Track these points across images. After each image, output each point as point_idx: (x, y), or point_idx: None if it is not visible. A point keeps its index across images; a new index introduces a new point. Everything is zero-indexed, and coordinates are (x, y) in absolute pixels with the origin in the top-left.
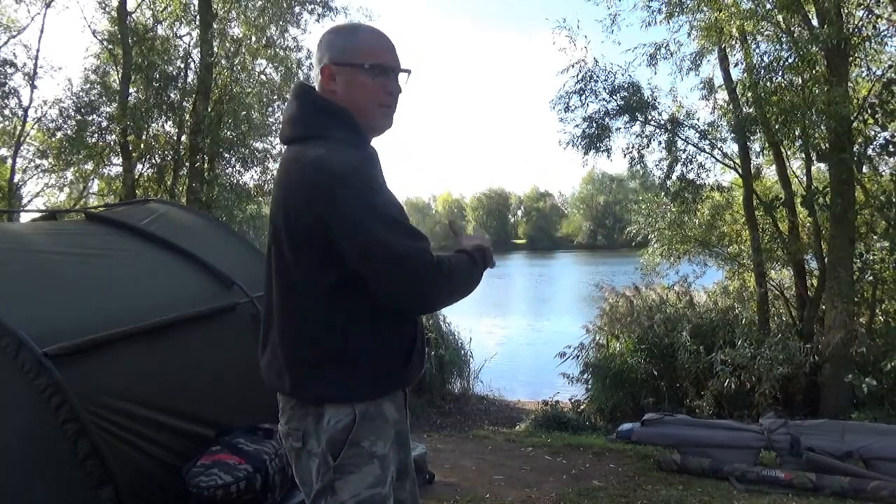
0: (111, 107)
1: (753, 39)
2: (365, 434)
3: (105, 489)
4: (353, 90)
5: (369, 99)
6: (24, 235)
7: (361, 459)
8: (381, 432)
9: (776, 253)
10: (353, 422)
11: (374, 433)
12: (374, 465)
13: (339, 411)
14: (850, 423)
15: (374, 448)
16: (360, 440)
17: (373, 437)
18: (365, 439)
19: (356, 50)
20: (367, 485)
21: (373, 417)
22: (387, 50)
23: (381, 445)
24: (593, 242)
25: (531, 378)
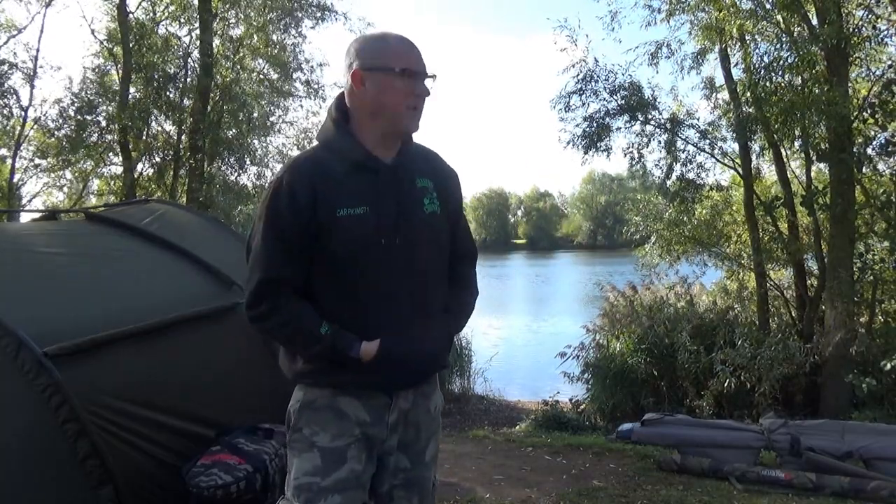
0: (111, 106)
1: (753, 39)
2: (306, 421)
3: (105, 489)
4: (384, 93)
5: (399, 100)
6: (24, 235)
7: (302, 445)
8: (329, 425)
9: (776, 253)
10: (298, 407)
11: (316, 423)
12: (313, 454)
13: (296, 394)
14: (850, 423)
15: (314, 438)
16: (300, 426)
17: (315, 427)
18: (306, 427)
19: (386, 55)
20: (304, 471)
21: (319, 408)
22: (414, 55)
23: (325, 438)
24: (593, 242)
25: (531, 378)
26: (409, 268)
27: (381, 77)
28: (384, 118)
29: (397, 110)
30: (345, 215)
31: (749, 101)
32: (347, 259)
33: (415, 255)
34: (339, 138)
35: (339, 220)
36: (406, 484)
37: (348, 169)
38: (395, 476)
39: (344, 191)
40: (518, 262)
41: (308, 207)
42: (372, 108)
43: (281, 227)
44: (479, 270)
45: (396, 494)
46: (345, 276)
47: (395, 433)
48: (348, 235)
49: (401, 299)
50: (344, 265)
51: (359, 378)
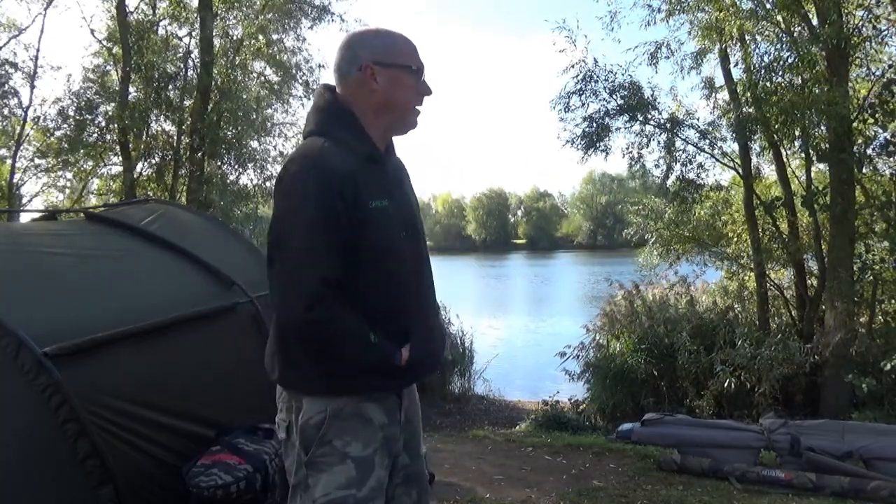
0: (110, 106)
1: (753, 39)
2: (336, 433)
3: (105, 489)
4: (397, 90)
5: (411, 98)
6: (24, 235)
7: (333, 459)
8: (359, 434)
9: (776, 253)
10: (323, 419)
11: (348, 433)
12: (346, 465)
13: (313, 406)
14: (850, 423)
15: (347, 449)
16: (330, 439)
17: (347, 438)
18: (337, 439)
19: (400, 52)
20: (338, 485)
21: (347, 417)
22: (419, 54)
23: (358, 447)
24: (593, 242)
25: (531, 378)
26: (422, 260)
27: (396, 74)
28: (393, 115)
29: (407, 108)
30: (374, 207)
31: (749, 101)
32: (383, 253)
33: (422, 247)
34: (352, 132)
35: (372, 212)
36: (406, 480)
37: (364, 162)
38: (398, 475)
39: (371, 183)
40: (518, 262)
41: (353, 198)
42: (381, 103)
43: (331, 222)
44: (479, 270)
45: (397, 492)
46: (383, 272)
47: (402, 432)
48: (380, 228)
49: (422, 292)
50: (381, 260)
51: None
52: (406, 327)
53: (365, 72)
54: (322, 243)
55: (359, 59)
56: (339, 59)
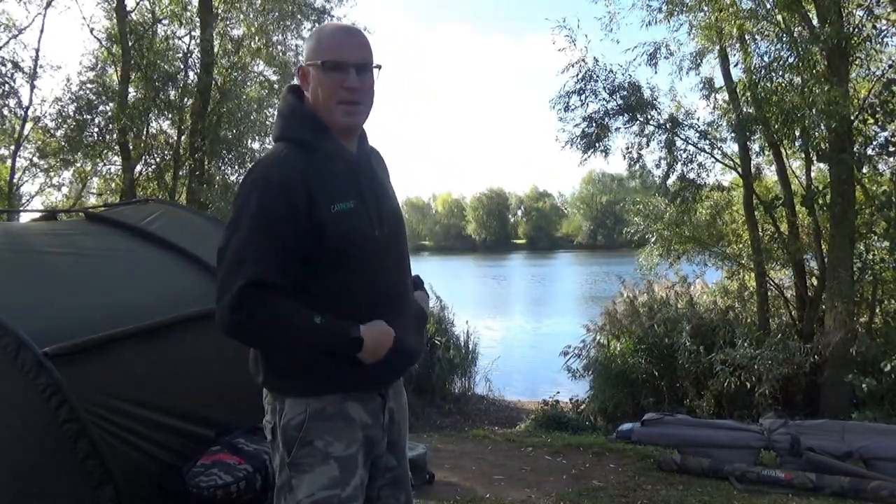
0: (110, 106)
1: (753, 39)
2: (318, 433)
3: (105, 489)
4: (316, 87)
5: (328, 94)
6: (23, 235)
7: (315, 459)
8: (341, 434)
9: (776, 253)
10: (304, 420)
11: (330, 433)
12: (329, 465)
13: (294, 407)
14: (850, 423)
15: (329, 449)
16: (311, 439)
17: (328, 438)
18: (318, 439)
19: (317, 49)
20: (322, 486)
21: (329, 417)
22: (344, 45)
23: (340, 447)
24: (593, 242)
25: (530, 378)
26: (397, 259)
27: (313, 71)
28: (323, 112)
29: (328, 104)
30: (338, 210)
31: (749, 101)
32: (345, 255)
33: (399, 246)
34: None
35: (335, 215)
36: (392, 482)
37: (327, 162)
38: (383, 476)
39: (334, 185)
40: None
41: (305, 205)
42: (316, 104)
43: (276, 227)
44: (478, 270)
45: (383, 494)
46: (342, 274)
47: (386, 434)
48: (344, 231)
49: (394, 291)
50: (341, 262)
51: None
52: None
53: (300, 74)
54: (257, 250)
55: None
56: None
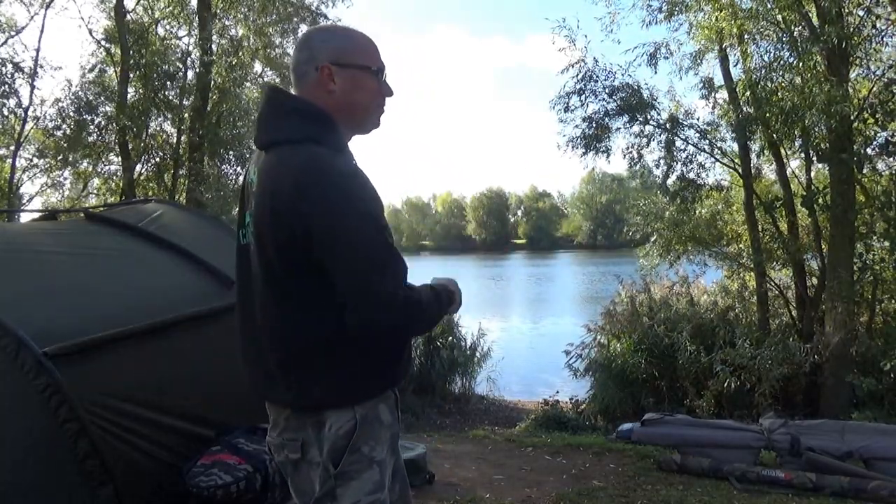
0: (109, 106)
1: (753, 39)
2: (365, 439)
3: (105, 489)
4: (356, 91)
5: (372, 100)
6: (24, 235)
7: (362, 465)
8: (379, 436)
9: (776, 253)
10: (354, 427)
11: (373, 438)
12: (373, 470)
13: (341, 417)
14: (850, 423)
15: (373, 453)
16: (360, 446)
17: (372, 442)
18: (364, 444)
19: (359, 52)
20: (367, 491)
21: (371, 421)
22: (379, 53)
23: (380, 450)
24: (593, 242)
25: (530, 378)
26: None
27: (354, 74)
28: (352, 117)
29: (368, 110)
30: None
31: (749, 101)
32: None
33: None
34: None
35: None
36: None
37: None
38: None
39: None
40: (518, 262)
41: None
42: (339, 105)
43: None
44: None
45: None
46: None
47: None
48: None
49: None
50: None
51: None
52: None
53: (322, 72)
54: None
55: (316, 59)
56: (296, 58)
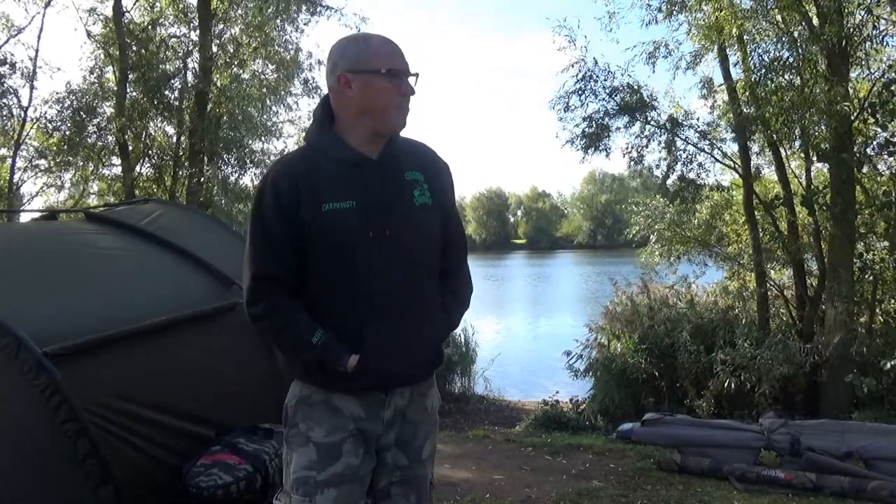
0: (109, 107)
1: (753, 39)
2: (301, 417)
3: (105, 489)
4: (371, 94)
5: (387, 100)
6: (24, 235)
7: (298, 440)
8: (323, 420)
9: (776, 253)
10: (295, 403)
11: (311, 419)
12: (309, 448)
13: (291, 391)
14: (850, 423)
15: (310, 433)
16: (297, 421)
17: (310, 423)
18: (301, 422)
19: (370, 57)
20: (302, 465)
21: (314, 404)
22: (397, 55)
23: (320, 433)
24: (593, 242)
25: (530, 378)
26: (402, 259)
27: (367, 78)
28: (372, 118)
29: (386, 110)
30: (330, 209)
31: (749, 101)
32: (336, 253)
33: (406, 247)
34: (322, 137)
35: (325, 214)
36: (403, 481)
37: (333, 165)
38: (392, 473)
39: (329, 186)
40: (518, 262)
41: (292, 204)
42: (359, 108)
43: (267, 224)
44: (477, 271)
45: (394, 491)
46: (335, 271)
47: (391, 429)
48: (335, 229)
49: (393, 291)
50: (334, 259)
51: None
52: (359, 331)
53: (340, 81)
54: (259, 244)
55: (336, 69)
56: (326, 68)
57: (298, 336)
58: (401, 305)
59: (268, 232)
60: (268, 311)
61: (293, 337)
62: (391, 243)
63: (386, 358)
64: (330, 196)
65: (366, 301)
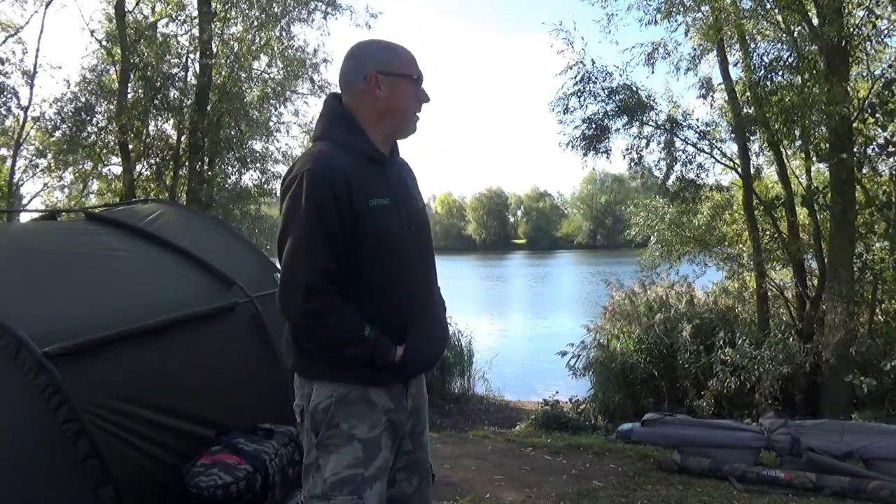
0: (110, 106)
1: (752, 39)
2: (343, 417)
3: (105, 489)
4: (399, 97)
5: (411, 105)
6: (24, 235)
7: (340, 440)
8: (364, 416)
9: (776, 253)
10: (331, 404)
11: (354, 417)
12: (353, 446)
13: (321, 392)
14: (850, 423)
15: (354, 431)
16: (338, 422)
17: (353, 420)
18: (343, 422)
19: (402, 62)
20: (346, 465)
21: (353, 402)
22: (418, 64)
23: (364, 429)
24: (593, 242)
25: (530, 378)
26: (426, 256)
27: (397, 82)
28: (394, 121)
29: (408, 114)
30: (375, 205)
31: (748, 101)
32: (382, 249)
33: (427, 245)
34: (352, 135)
35: (373, 209)
36: (407, 466)
37: (365, 163)
38: (400, 459)
39: (371, 182)
40: (518, 262)
41: (345, 197)
42: (383, 110)
43: (323, 218)
44: (478, 270)
45: (398, 477)
46: (380, 267)
47: (410, 418)
48: (381, 225)
49: (424, 287)
50: (379, 255)
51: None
52: (404, 323)
53: (370, 81)
54: (316, 237)
55: (363, 68)
56: (344, 68)
57: (354, 330)
58: (430, 297)
59: (323, 225)
60: (326, 306)
61: (349, 331)
62: (416, 239)
63: (424, 348)
64: (374, 192)
65: (406, 293)
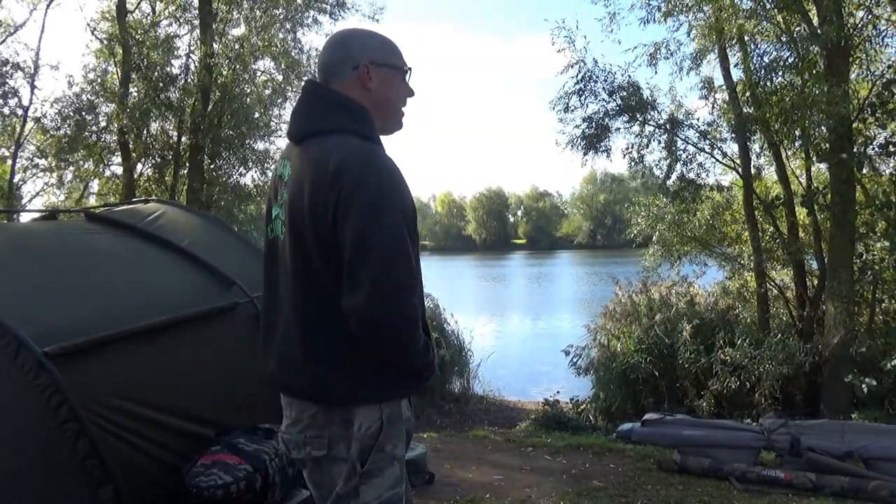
0: (110, 106)
1: (753, 39)
2: (389, 438)
3: (105, 489)
4: (389, 89)
5: (400, 99)
6: (23, 235)
7: (385, 463)
8: (401, 434)
9: (776, 253)
10: (381, 427)
11: (396, 436)
12: (394, 467)
13: (370, 416)
14: (850, 423)
15: (395, 451)
16: (384, 445)
17: (395, 441)
18: (388, 443)
19: (393, 53)
20: (388, 486)
21: (395, 420)
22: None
23: (401, 448)
24: (593, 242)
25: (530, 378)
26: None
27: (389, 74)
28: (382, 115)
29: (397, 108)
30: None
31: (749, 101)
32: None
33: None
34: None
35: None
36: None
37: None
38: None
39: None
40: (518, 262)
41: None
42: (374, 103)
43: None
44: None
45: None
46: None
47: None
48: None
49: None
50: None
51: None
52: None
53: (362, 71)
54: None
55: (354, 58)
56: (330, 57)
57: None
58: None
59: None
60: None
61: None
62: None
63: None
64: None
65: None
